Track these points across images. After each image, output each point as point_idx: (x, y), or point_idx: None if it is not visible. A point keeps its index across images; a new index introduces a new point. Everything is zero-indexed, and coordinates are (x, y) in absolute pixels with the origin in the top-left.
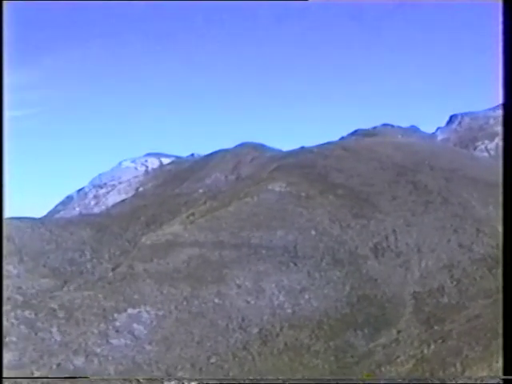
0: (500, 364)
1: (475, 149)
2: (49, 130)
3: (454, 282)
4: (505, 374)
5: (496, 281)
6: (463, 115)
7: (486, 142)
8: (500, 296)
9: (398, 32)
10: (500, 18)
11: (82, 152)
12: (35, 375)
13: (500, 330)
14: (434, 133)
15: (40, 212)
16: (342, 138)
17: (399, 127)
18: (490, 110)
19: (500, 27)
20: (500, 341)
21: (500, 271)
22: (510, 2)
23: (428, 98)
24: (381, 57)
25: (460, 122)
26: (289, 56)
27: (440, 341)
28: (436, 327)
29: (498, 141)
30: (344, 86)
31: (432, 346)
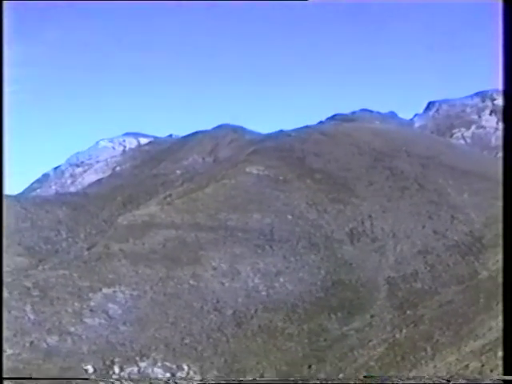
0: (468, 349)
1: (452, 136)
2: (28, 108)
3: (428, 268)
4: (505, 374)
5: (468, 267)
6: (441, 103)
7: (463, 129)
8: (473, 283)
9: (380, 22)
10: (500, 18)
11: (59, 130)
12: (8, 353)
13: (471, 315)
14: (411, 119)
15: (16, 189)
16: (321, 122)
17: (378, 113)
18: (467, 97)
19: (500, 27)
20: (471, 326)
21: (473, 258)
22: (510, 2)
23: (407, 85)
24: (361, 44)
25: (438, 110)
26: (271, 41)
27: (412, 325)
28: (409, 312)
29: (474, 129)
30: (324, 72)
31: (404, 331)
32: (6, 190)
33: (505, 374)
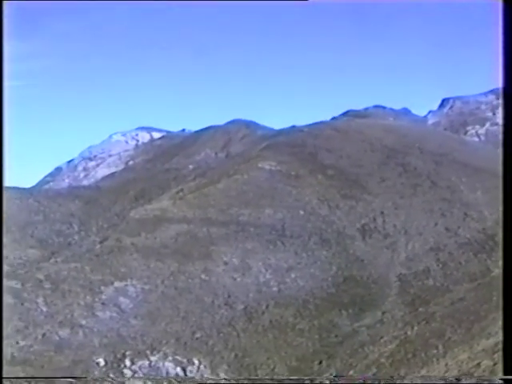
0: (480, 347)
1: (466, 133)
2: (41, 101)
3: (440, 265)
4: (505, 373)
5: (481, 265)
6: (455, 99)
7: (477, 127)
8: (485, 280)
9: (395, 19)
10: (500, 18)
11: (72, 123)
12: (20, 345)
13: (483, 313)
14: (425, 116)
15: (29, 182)
16: (334, 118)
17: (391, 109)
18: (481, 94)
19: (500, 27)
20: (483, 324)
21: (485, 256)
22: (510, 2)
23: (421, 82)
24: (375, 41)
25: (452, 106)
26: (285, 37)
27: (424, 322)
28: (420, 309)
29: (489, 126)
30: (337, 67)
31: (415, 328)
32: (19, 183)
33: (505, 374)
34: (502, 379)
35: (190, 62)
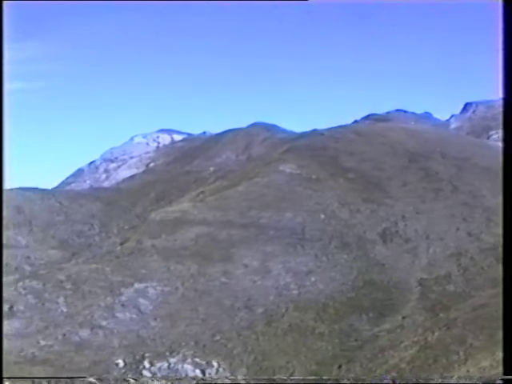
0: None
1: (488, 138)
2: (63, 103)
3: (461, 271)
4: (505, 373)
5: None
6: (478, 104)
7: (500, 131)
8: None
9: (418, 23)
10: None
11: (94, 126)
12: (41, 345)
13: None
14: (447, 120)
15: (51, 183)
16: (355, 121)
17: (413, 113)
18: None
19: (500, 27)
20: None
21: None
22: (510, 2)
23: (443, 86)
24: (397, 43)
25: (474, 111)
26: (308, 41)
27: (444, 328)
28: (441, 314)
29: None
30: (359, 71)
31: (436, 333)
32: (42, 184)
33: (505, 374)
34: (501, 379)
35: (212, 65)
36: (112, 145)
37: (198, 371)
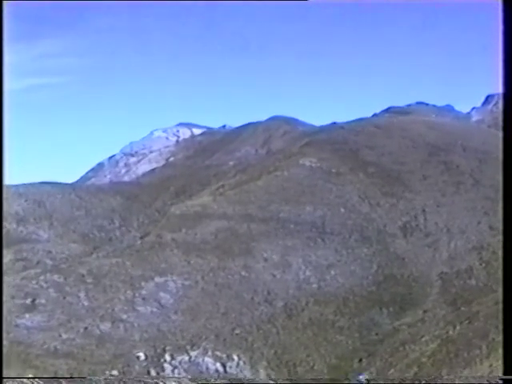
0: None
1: None
2: (84, 98)
3: (483, 264)
4: (505, 373)
5: None
6: (500, 96)
7: None
8: None
9: (439, 16)
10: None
11: (114, 120)
12: (63, 338)
13: None
14: (468, 113)
15: (71, 178)
16: (375, 115)
17: (434, 106)
18: None
19: (500, 27)
20: None
21: None
22: (510, 2)
23: (465, 77)
24: (418, 37)
25: (496, 103)
26: (327, 34)
27: (466, 322)
28: (463, 308)
29: None
30: (379, 63)
31: (458, 327)
32: (62, 179)
33: (505, 374)
34: (502, 379)
35: (232, 58)
36: (132, 139)
37: (218, 364)
